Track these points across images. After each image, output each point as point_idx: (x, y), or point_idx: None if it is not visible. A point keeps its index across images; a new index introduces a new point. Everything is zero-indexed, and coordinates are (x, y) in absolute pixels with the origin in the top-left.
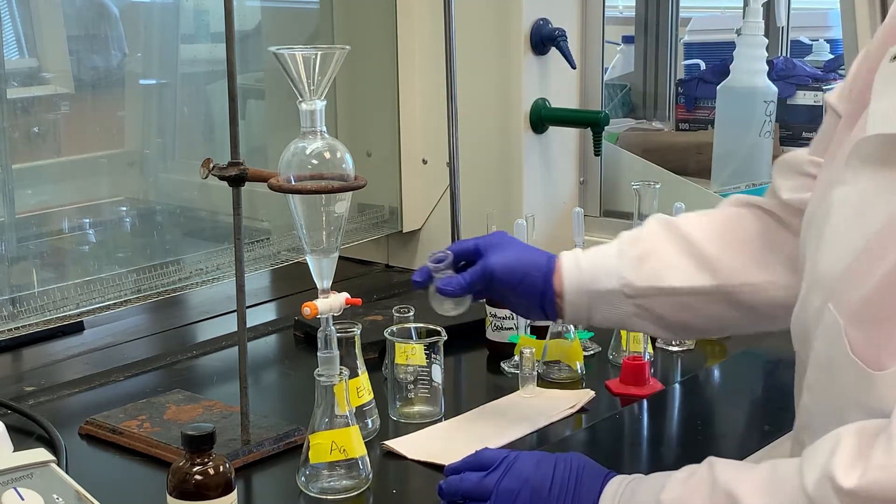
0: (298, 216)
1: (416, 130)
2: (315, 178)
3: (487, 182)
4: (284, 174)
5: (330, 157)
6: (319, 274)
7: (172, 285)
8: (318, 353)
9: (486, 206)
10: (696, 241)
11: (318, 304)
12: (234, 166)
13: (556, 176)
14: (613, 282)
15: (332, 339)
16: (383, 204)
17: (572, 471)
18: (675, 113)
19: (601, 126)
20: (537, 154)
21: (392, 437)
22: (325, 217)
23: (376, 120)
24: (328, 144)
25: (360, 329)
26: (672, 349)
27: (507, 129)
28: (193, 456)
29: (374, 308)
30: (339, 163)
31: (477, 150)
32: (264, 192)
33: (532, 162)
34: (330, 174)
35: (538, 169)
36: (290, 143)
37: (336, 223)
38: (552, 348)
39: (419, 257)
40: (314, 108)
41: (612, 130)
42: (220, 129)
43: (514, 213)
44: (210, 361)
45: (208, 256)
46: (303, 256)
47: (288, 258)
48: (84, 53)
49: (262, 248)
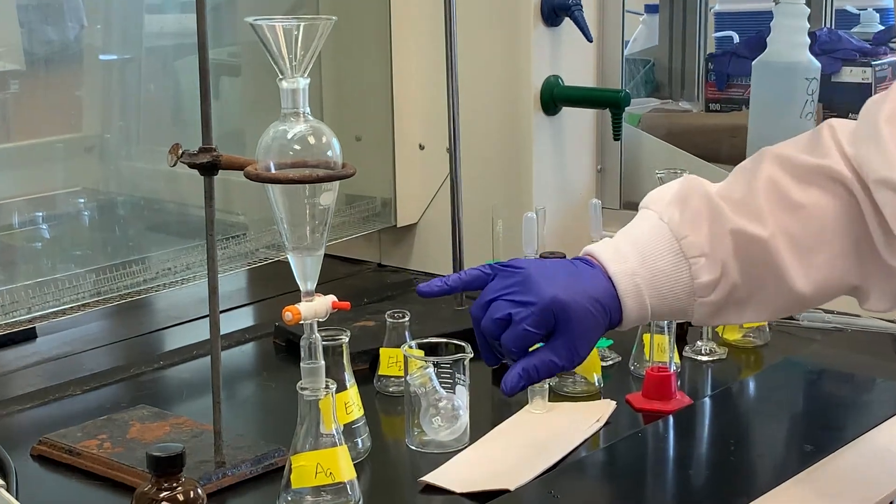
0: (279, 209)
1: (411, 112)
2: (298, 166)
3: (493, 170)
4: (263, 161)
5: (314, 142)
6: (303, 274)
7: (136, 287)
8: (301, 364)
9: (492, 198)
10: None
11: (301, 309)
12: (205, 152)
13: (571, 163)
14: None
15: (317, 347)
16: (375, 195)
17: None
18: (704, 92)
19: (621, 107)
20: (549, 138)
21: (408, 467)
22: (310, 210)
23: (367, 100)
24: (312, 128)
25: (349, 336)
26: (702, 358)
27: (515, 110)
28: (160, 480)
29: (365, 313)
30: (325, 148)
31: (481, 134)
32: (240, 182)
33: (543, 147)
34: (314, 161)
35: (550, 155)
36: (269, 127)
37: (321, 217)
38: None
39: (415, 255)
40: (296, 86)
41: (633, 111)
42: (190, 111)
43: (522, 205)
44: (179, 373)
45: (177, 254)
46: (284, 254)
47: (266, 256)
48: (36, 25)
49: (238, 244)
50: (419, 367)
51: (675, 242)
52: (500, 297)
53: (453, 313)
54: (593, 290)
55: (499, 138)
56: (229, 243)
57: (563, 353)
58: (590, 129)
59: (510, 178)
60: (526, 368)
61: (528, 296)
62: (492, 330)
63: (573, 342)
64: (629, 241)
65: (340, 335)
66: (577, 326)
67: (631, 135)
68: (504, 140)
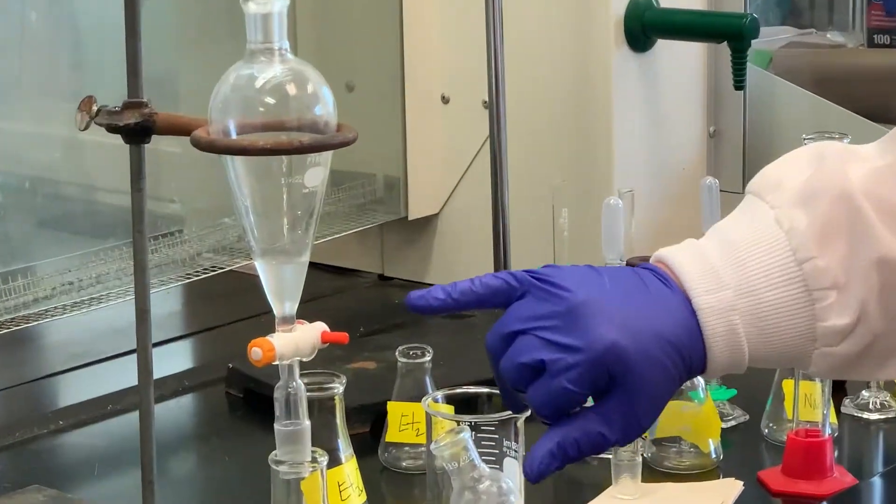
0: (242, 193)
1: (429, 48)
2: (271, 129)
3: (554, 135)
4: (219, 122)
5: (296, 92)
6: (278, 291)
7: (20, 311)
8: (274, 426)
9: (552, 175)
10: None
11: (277, 343)
12: (134, 109)
13: (670, 124)
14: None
15: (297, 401)
16: (374, 172)
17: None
18: (866, 18)
19: (744, 39)
20: (638, 87)
21: None
22: (289, 195)
23: (362, 30)
24: (293, 72)
25: (344, 385)
26: (869, 416)
27: (586, 44)
28: None
29: (364, 348)
30: (312, 102)
31: (535, 82)
32: (174, 153)
33: (629, 100)
34: (296, 122)
35: (640, 112)
36: (227, 71)
37: (306, 205)
38: (667, 416)
39: (435, 262)
40: (269, 9)
41: (760, 47)
42: (99, 48)
43: (599, 188)
44: (88, 438)
45: (81, 262)
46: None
47: (215, 265)
48: None
49: (173, 247)
50: (449, 432)
51: (794, 266)
52: (530, 332)
53: None
54: (667, 327)
55: (562, 87)
56: (159, 245)
57: (617, 421)
58: (698, 72)
59: (580, 146)
60: (562, 444)
61: (573, 336)
62: (515, 378)
63: (633, 407)
64: (727, 254)
65: (331, 383)
66: (641, 385)
67: (759, 81)
68: (570, 89)
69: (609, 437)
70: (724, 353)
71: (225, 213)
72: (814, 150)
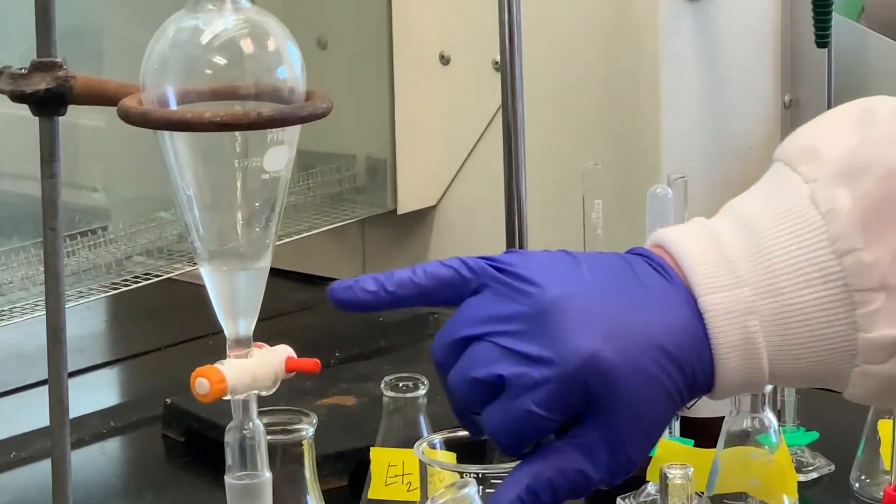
0: (184, 180)
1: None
2: (221, 97)
3: (583, 104)
4: (154, 87)
5: (254, 50)
6: (230, 305)
7: None
8: (225, 479)
9: (582, 156)
10: None
11: (227, 372)
12: (45, 71)
13: (733, 92)
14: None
15: (255, 447)
16: (354, 153)
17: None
18: None
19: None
20: (693, 45)
21: None
22: (244, 182)
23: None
24: (249, 23)
25: (315, 426)
26: None
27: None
28: None
29: (340, 379)
30: (273, 63)
31: (560, 38)
32: (99, 129)
33: (681, 61)
34: (252, 88)
35: (694, 76)
36: (166, 23)
37: (266, 195)
38: (730, 466)
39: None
40: None
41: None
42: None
43: (643, 172)
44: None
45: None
46: (189, 267)
47: (152, 271)
48: None
49: (95, 249)
50: (450, 486)
51: (832, 260)
52: (486, 338)
53: None
54: (665, 333)
55: (594, 44)
56: (77, 245)
57: (601, 455)
58: (769, 26)
59: (617, 119)
60: (533, 487)
61: (541, 345)
62: (466, 397)
63: (621, 437)
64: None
65: (299, 423)
66: (631, 408)
67: (847, 36)
68: (604, 47)
69: (592, 476)
70: (737, 368)
71: (162, 205)
72: (865, 107)
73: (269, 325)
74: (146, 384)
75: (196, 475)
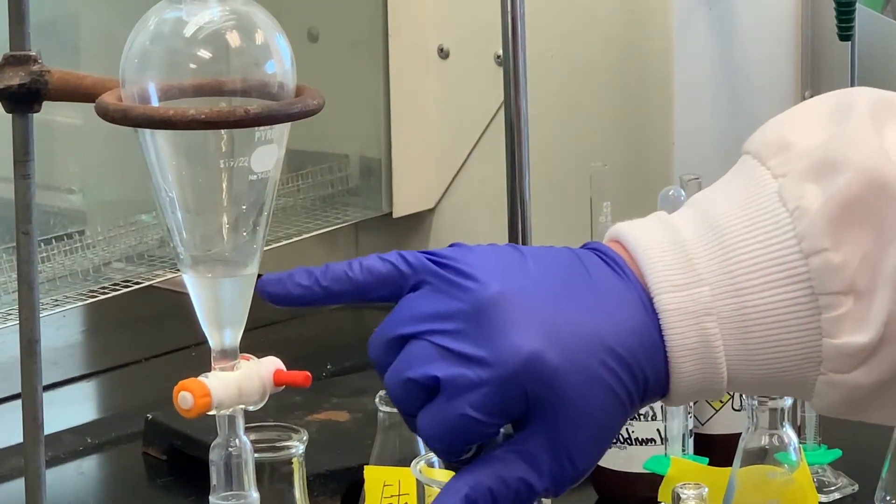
0: (166, 182)
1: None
2: (206, 93)
3: (591, 100)
4: (134, 83)
5: (241, 43)
6: (215, 315)
7: None
8: (210, 499)
9: (590, 156)
10: None
11: (212, 386)
12: (18, 65)
13: (751, 87)
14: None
15: (241, 466)
16: (347, 153)
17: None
18: None
19: None
20: (708, 37)
21: None
22: (230, 183)
23: None
24: (235, 14)
25: (305, 442)
26: None
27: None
28: None
29: (333, 393)
30: (261, 57)
31: (567, 30)
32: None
33: (696, 55)
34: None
35: (710, 71)
36: (146, 14)
37: (254, 198)
38: (746, 486)
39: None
40: None
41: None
42: None
43: (655, 173)
44: None
45: None
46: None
47: (132, 278)
48: None
49: (72, 254)
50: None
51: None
52: (422, 336)
53: None
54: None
55: (603, 36)
56: (53, 251)
57: (544, 463)
58: (789, 18)
59: (627, 116)
60: (472, 497)
61: (479, 344)
62: (401, 398)
63: (565, 443)
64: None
65: (288, 440)
66: (575, 413)
67: (871, 29)
68: (614, 40)
69: (536, 486)
70: (693, 373)
71: (142, 207)
72: (841, 100)
73: (256, 336)
74: (125, 398)
75: (178, 496)
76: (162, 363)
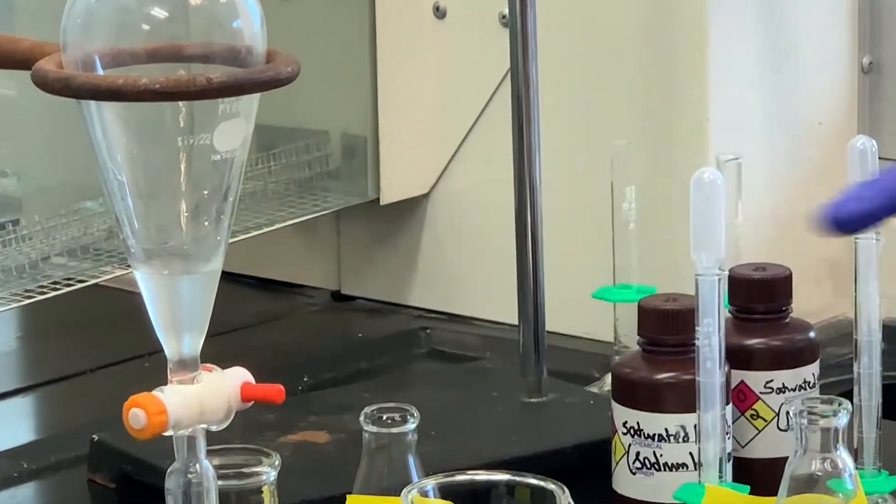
0: (115, 163)
1: None
2: (162, 59)
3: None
4: (77, 48)
5: (202, 0)
6: (172, 317)
7: None
8: None
9: (610, 133)
10: None
11: (168, 401)
12: None
13: (799, 55)
14: None
15: (202, 495)
16: (327, 128)
17: None
18: None
19: None
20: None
21: None
22: (189, 165)
23: None
24: None
25: (278, 468)
26: None
27: None
28: None
29: (310, 410)
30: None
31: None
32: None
33: (734, 14)
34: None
35: (750, 36)
36: None
37: (217, 181)
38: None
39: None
40: None
41: None
42: None
43: (686, 153)
44: None
45: None
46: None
47: (75, 275)
48: None
49: (4, 248)
50: None
51: None
52: None
53: (518, 410)
54: None
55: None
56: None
57: None
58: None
59: (654, 88)
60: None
61: None
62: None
63: None
64: None
65: (258, 465)
66: None
67: None
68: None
69: None
70: None
71: (87, 193)
72: None
73: (221, 343)
74: (68, 416)
75: None
76: (110, 375)
